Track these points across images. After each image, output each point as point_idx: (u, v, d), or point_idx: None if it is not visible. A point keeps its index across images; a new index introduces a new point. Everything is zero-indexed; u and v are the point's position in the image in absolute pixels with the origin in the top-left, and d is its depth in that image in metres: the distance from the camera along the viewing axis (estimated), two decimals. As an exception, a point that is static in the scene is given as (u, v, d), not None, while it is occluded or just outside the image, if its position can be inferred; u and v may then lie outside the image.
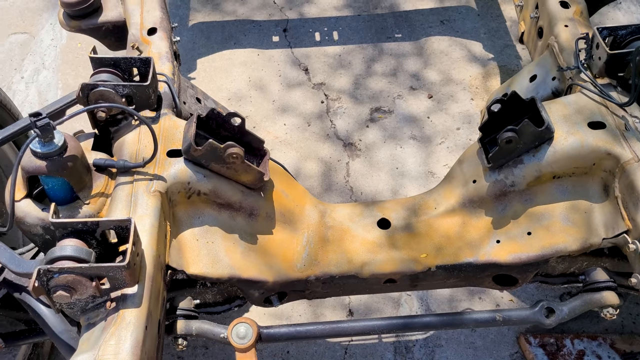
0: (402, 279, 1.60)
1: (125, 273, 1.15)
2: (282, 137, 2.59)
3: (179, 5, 3.15)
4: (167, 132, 1.53)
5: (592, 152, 1.48)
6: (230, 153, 1.41)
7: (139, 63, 1.55)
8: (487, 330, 2.08)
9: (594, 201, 1.53)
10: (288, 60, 2.89)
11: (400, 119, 2.66)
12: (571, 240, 1.50)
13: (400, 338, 2.06)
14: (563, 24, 1.82)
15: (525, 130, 1.46)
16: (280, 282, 1.53)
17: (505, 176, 1.55)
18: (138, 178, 1.41)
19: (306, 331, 1.49)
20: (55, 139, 1.29)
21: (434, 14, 3.09)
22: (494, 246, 1.57)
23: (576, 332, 2.03)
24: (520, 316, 1.51)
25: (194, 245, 1.47)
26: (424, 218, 1.65)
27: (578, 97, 1.59)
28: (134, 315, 1.18)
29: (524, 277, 1.60)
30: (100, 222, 1.20)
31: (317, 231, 1.62)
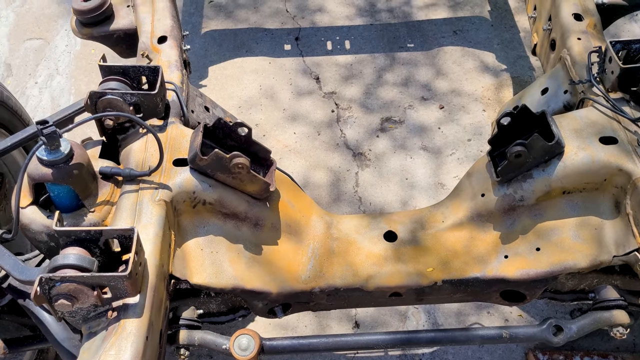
0: (408, 292, 1.58)
1: (127, 283, 1.15)
2: (292, 146, 2.59)
3: (192, 13, 3.17)
4: (174, 141, 1.53)
5: (603, 167, 1.46)
6: (236, 163, 1.41)
7: (148, 71, 1.55)
8: (495, 346, 2.05)
9: (605, 217, 1.51)
10: (299, 68, 2.89)
11: (411, 129, 2.65)
12: (581, 257, 1.47)
13: (406, 351, 2.04)
14: (576, 37, 1.79)
15: (535, 144, 1.44)
16: (284, 294, 1.52)
17: (514, 190, 1.53)
18: (143, 187, 1.41)
19: (309, 344, 1.48)
20: (61, 147, 1.29)
21: (447, 24, 3.08)
22: (501, 261, 1.54)
23: (586, 349, 2.00)
24: (528, 334, 1.49)
25: (198, 254, 1.47)
26: (431, 231, 1.63)
27: (590, 112, 1.57)
28: (134, 326, 1.18)
29: (532, 294, 1.57)
30: (103, 231, 1.20)
31: (323, 243, 1.61)
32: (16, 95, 2.54)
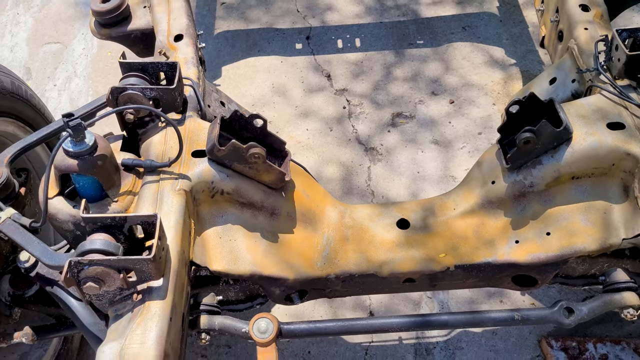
0: (421, 278, 1.62)
1: (151, 266, 1.20)
2: (305, 142, 2.64)
3: (204, 15, 3.23)
4: (192, 133, 1.58)
5: (611, 152, 1.49)
6: (252, 153, 1.46)
7: (166, 67, 1.61)
8: (508, 333, 2.08)
9: (614, 202, 1.54)
10: (311, 66, 2.94)
11: (422, 123, 2.69)
12: (590, 240, 1.50)
13: (420, 340, 2.07)
14: (583, 27, 1.83)
15: (543, 130, 1.47)
16: (301, 280, 1.56)
17: (524, 177, 1.56)
18: (164, 177, 1.47)
19: (325, 328, 1.52)
20: (86, 139, 1.35)
21: (455, 20, 3.11)
22: (512, 246, 1.58)
23: (599, 336, 2.02)
24: (539, 315, 1.52)
25: (217, 242, 1.52)
26: (443, 218, 1.66)
27: (597, 98, 1.60)
28: (159, 307, 1.23)
29: (543, 278, 1.60)
30: (128, 217, 1.25)
31: (337, 231, 1.65)
32: (36, 97, 2.60)
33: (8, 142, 1.73)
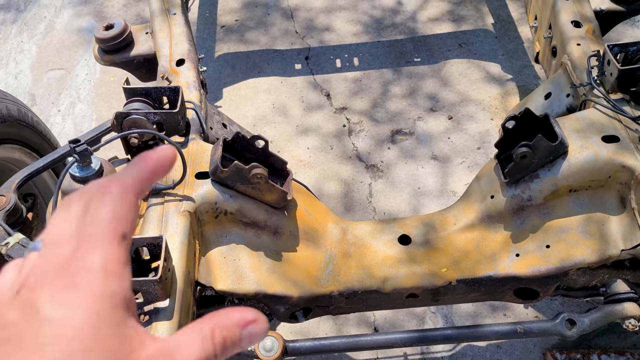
0: (424, 293, 1.63)
1: (157, 287, 1.22)
2: (305, 160, 2.67)
3: (205, 38, 3.29)
4: (195, 155, 1.61)
5: (607, 165, 1.52)
6: (255, 173, 1.49)
7: (169, 92, 1.65)
8: (512, 347, 2.09)
9: (611, 213, 1.56)
10: (310, 86, 2.98)
11: (421, 139, 2.72)
12: (589, 252, 1.52)
13: (425, 355, 2.08)
14: (575, 43, 1.86)
15: (539, 145, 1.50)
16: (305, 298, 1.58)
17: (522, 191, 1.59)
18: (168, 199, 1.50)
19: (331, 344, 1.54)
20: (92, 164, 1.38)
21: (452, 38, 3.16)
22: (513, 260, 1.60)
23: (603, 347, 2.03)
24: (542, 328, 1.53)
25: (222, 262, 1.54)
26: (444, 234, 1.69)
27: (591, 112, 1.63)
28: (165, 327, 1.25)
29: (544, 290, 1.62)
30: (134, 239, 1.28)
31: (340, 248, 1.68)
32: (41, 123, 2.65)
33: (15, 169, 1.76)
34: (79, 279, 0.40)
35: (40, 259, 0.41)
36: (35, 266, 0.41)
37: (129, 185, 0.45)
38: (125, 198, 0.44)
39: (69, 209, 0.43)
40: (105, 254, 0.41)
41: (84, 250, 0.41)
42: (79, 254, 0.41)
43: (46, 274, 0.40)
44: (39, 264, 0.41)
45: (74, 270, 0.40)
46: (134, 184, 0.45)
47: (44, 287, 0.39)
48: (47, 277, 0.40)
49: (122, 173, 0.46)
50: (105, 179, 0.45)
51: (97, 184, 0.45)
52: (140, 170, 0.47)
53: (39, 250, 0.42)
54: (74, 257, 0.41)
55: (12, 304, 0.40)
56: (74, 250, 0.41)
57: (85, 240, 0.42)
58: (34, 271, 0.41)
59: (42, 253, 0.42)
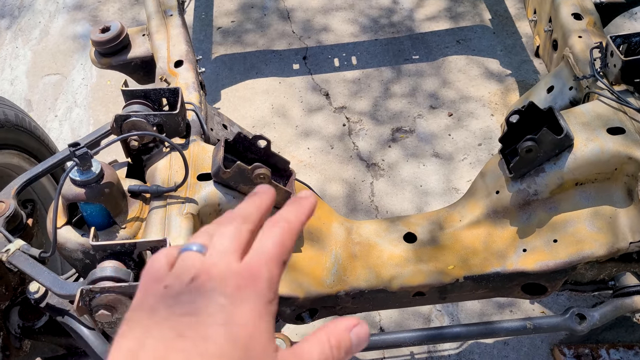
0: (431, 291, 1.61)
1: (162, 291, 1.20)
2: (306, 161, 2.65)
3: (202, 40, 3.27)
4: (197, 157, 1.59)
5: (613, 157, 1.50)
6: (258, 174, 1.47)
7: (168, 93, 1.63)
8: (520, 343, 2.07)
9: (619, 206, 1.54)
10: (309, 86, 2.97)
11: (422, 137, 2.70)
12: (598, 245, 1.51)
13: (432, 354, 2.06)
14: (577, 35, 1.85)
15: (544, 138, 1.48)
16: (311, 298, 1.56)
17: (527, 185, 1.57)
18: (171, 202, 1.48)
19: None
20: (92, 167, 1.36)
21: (449, 35, 3.15)
22: (520, 255, 1.58)
23: (611, 342, 2.01)
24: (551, 323, 1.52)
25: (226, 265, 1.52)
26: (450, 231, 1.67)
27: (595, 105, 1.62)
28: (172, 332, 1.23)
29: (552, 285, 1.60)
30: (137, 243, 1.26)
31: (345, 248, 1.66)
32: (38, 128, 2.62)
33: (13, 174, 1.74)
34: (248, 282, 0.48)
35: (207, 260, 0.49)
36: (204, 263, 0.49)
37: (293, 227, 0.55)
38: (291, 235, 0.54)
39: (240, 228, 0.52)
40: (272, 270, 0.50)
41: (253, 261, 0.50)
42: (248, 264, 0.49)
43: (219, 273, 0.48)
44: (208, 263, 0.49)
45: (245, 275, 0.48)
46: (297, 228, 0.55)
47: (218, 282, 0.47)
48: (220, 275, 0.48)
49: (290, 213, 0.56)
50: (278, 215, 0.55)
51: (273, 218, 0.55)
52: (301, 214, 0.57)
53: (202, 252, 0.50)
54: (245, 265, 0.49)
55: (188, 287, 0.47)
56: (243, 260, 0.50)
57: (257, 254, 0.50)
58: (206, 266, 0.48)
59: (209, 256, 0.50)
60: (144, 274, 0.50)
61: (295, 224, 0.56)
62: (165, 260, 0.50)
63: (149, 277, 0.50)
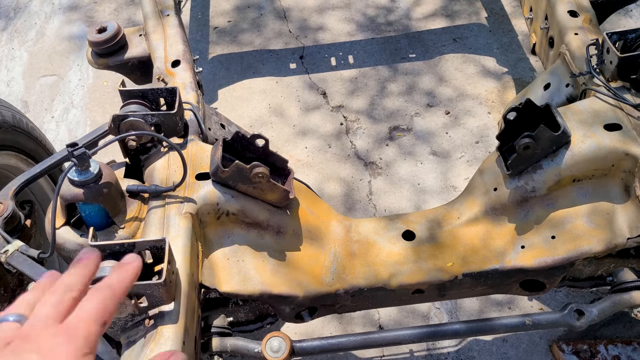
0: (430, 288, 1.62)
1: (162, 290, 1.20)
2: (304, 160, 2.65)
3: (198, 40, 3.27)
4: (195, 156, 1.59)
5: (610, 153, 1.51)
6: (256, 173, 1.47)
7: (165, 93, 1.63)
8: (519, 340, 2.07)
9: (616, 202, 1.55)
10: (306, 85, 2.97)
11: (419, 136, 2.71)
12: (595, 241, 1.51)
13: (432, 351, 2.07)
14: (573, 32, 1.86)
15: (541, 135, 1.49)
16: (310, 297, 1.57)
17: (525, 182, 1.58)
18: (169, 201, 1.48)
19: (338, 343, 1.52)
20: (90, 168, 1.36)
21: (446, 33, 3.16)
22: (519, 252, 1.59)
23: (609, 337, 2.02)
24: (550, 319, 1.52)
25: (225, 264, 1.52)
26: (448, 228, 1.67)
27: (592, 101, 1.62)
28: (171, 331, 1.23)
29: (551, 282, 1.61)
30: (136, 243, 1.25)
31: (344, 246, 1.66)
32: (35, 130, 2.62)
33: (11, 176, 1.73)
34: (64, 340, 0.54)
35: (25, 327, 0.55)
36: (21, 330, 0.55)
37: (116, 292, 0.63)
38: (112, 300, 0.61)
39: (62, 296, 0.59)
40: (90, 328, 0.56)
41: (72, 321, 0.56)
42: (66, 324, 0.55)
43: (35, 335, 0.54)
44: (25, 329, 0.55)
45: (60, 333, 0.54)
46: (120, 293, 0.63)
47: (32, 343, 0.53)
48: (36, 337, 0.54)
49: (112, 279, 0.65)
50: (102, 283, 0.62)
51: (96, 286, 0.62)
52: (125, 280, 0.65)
53: (20, 321, 0.56)
54: (63, 325, 0.55)
55: (3, 352, 0.52)
56: (63, 322, 0.56)
57: (77, 314, 0.57)
58: (22, 332, 0.54)
59: (28, 323, 0.56)
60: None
61: (117, 288, 0.63)
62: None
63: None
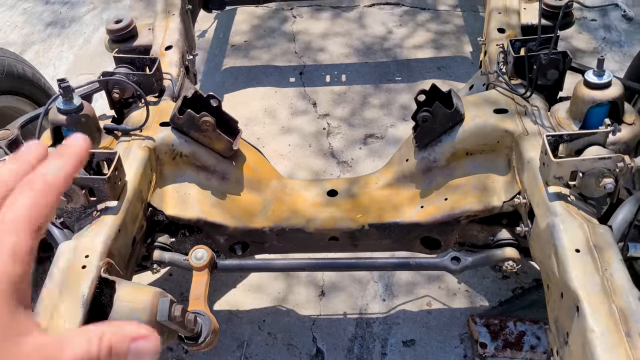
0: (343, 236, 1.93)
1: (106, 186, 1.57)
2: (285, 154, 3.02)
3: (216, 54, 3.75)
4: (164, 111, 1.99)
5: (494, 130, 1.81)
6: (204, 120, 1.85)
7: (149, 62, 2.05)
8: (441, 314, 2.32)
9: (500, 173, 1.84)
10: (300, 95, 3.37)
11: (390, 142, 3.04)
12: (476, 202, 1.80)
13: (363, 315, 2.34)
14: (495, 43, 2.19)
15: (438, 111, 1.81)
16: (240, 229, 1.90)
17: (429, 154, 1.89)
18: (134, 138, 1.87)
19: (252, 264, 1.85)
20: (74, 100, 1.77)
21: (432, 62, 3.52)
22: (418, 210, 1.89)
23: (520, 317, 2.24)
24: (431, 263, 1.80)
25: (174, 194, 1.89)
26: (366, 190, 1.99)
27: (490, 92, 1.94)
28: (110, 219, 1.59)
29: (445, 240, 1.89)
30: (95, 153, 1.65)
31: (276, 196, 2.00)
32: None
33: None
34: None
35: None
36: None
37: (52, 185, 0.50)
38: (48, 196, 0.49)
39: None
40: (19, 240, 0.45)
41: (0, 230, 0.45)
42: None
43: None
44: None
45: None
46: (58, 185, 0.50)
47: None
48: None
49: (48, 169, 0.51)
50: (33, 174, 0.50)
51: (27, 177, 0.50)
52: (64, 167, 0.51)
53: None
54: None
55: None
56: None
57: (4, 222, 0.46)
58: None
59: None
60: None
61: (54, 181, 0.50)
62: None
63: None
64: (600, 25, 3.69)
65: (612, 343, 1.22)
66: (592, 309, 1.28)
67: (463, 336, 2.24)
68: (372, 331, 2.29)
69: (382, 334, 2.28)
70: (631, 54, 3.37)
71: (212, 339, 1.57)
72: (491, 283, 2.40)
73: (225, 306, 2.41)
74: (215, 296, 2.45)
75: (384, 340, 2.26)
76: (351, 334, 2.29)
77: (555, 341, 1.47)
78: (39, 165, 0.52)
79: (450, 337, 2.25)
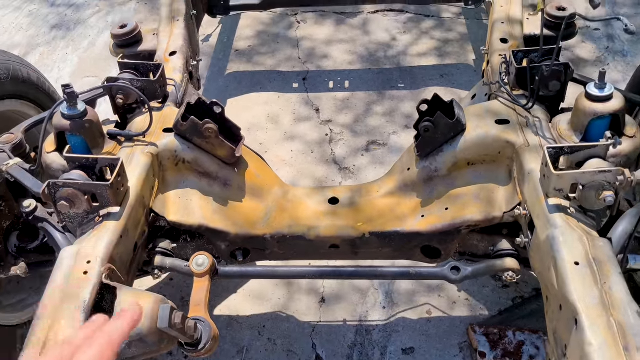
0: (344, 244, 1.93)
1: (109, 192, 1.58)
2: (288, 160, 3.03)
3: (220, 59, 3.77)
4: (167, 117, 2.00)
5: (495, 141, 1.81)
6: (207, 127, 1.86)
7: (153, 68, 2.06)
8: (441, 322, 2.32)
9: (501, 184, 1.84)
10: (303, 101, 3.38)
11: (392, 150, 3.05)
12: (477, 212, 1.80)
13: (363, 322, 2.34)
14: (498, 54, 2.20)
15: (439, 121, 1.82)
16: (242, 236, 1.91)
17: (430, 163, 1.90)
18: (137, 144, 1.88)
19: (253, 271, 1.86)
20: (78, 106, 1.78)
21: (435, 70, 3.53)
22: (418, 219, 1.89)
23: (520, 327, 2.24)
24: (431, 272, 1.80)
25: (176, 200, 1.90)
26: (367, 198, 2.00)
27: (492, 103, 1.95)
28: (112, 225, 1.60)
29: (445, 249, 1.89)
30: (98, 159, 1.66)
31: (278, 203, 2.01)
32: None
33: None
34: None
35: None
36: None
37: (114, 342, 0.69)
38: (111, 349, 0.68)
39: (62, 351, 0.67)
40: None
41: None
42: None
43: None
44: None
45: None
46: (118, 342, 0.69)
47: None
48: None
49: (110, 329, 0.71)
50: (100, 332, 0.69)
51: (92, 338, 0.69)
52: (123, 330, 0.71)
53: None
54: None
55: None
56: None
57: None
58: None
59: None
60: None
61: (115, 337, 0.68)
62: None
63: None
64: (604, 35, 3.70)
65: (610, 357, 1.22)
66: (590, 322, 1.28)
67: (462, 345, 2.25)
68: (372, 338, 2.29)
69: (382, 341, 2.28)
70: (634, 63, 3.38)
71: (212, 345, 1.57)
72: (491, 292, 2.40)
73: (225, 311, 2.42)
74: (216, 301, 2.45)
75: (383, 348, 2.26)
76: (351, 341, 2.30)
77: (554, 353, 1.47)
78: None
79: (449, 346, 2.25)
